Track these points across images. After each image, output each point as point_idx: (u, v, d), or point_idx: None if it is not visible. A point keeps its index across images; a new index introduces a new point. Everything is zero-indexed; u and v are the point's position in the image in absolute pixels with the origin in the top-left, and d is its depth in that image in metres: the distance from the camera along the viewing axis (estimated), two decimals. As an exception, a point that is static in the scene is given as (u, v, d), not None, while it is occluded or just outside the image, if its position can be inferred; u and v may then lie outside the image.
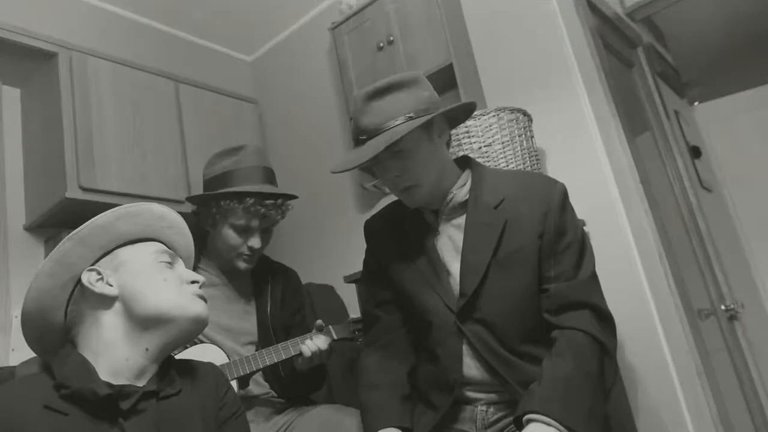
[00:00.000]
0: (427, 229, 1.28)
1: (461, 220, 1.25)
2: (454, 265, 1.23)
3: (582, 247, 1.22)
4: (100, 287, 0.96)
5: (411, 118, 1.15)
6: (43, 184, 2.12)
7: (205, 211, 1.56)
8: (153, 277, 0.99)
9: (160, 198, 2.25)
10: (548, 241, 1.19)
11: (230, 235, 1.53)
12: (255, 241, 1.54)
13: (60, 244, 0.96)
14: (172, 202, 2.29)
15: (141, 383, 0.95)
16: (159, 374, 0.98)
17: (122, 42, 2.62)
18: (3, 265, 2.05)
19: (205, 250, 1.63)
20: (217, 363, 1.39)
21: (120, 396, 0.89)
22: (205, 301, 1.04)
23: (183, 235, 1.11)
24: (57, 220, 2.09)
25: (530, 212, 1.20)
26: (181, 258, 1.08)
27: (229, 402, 1.05)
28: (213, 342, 1.49)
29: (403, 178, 1.21)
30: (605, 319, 1.17)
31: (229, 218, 1.52)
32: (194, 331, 1.01)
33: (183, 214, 1.12)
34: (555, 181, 1.26)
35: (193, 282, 1.03)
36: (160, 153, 2.33)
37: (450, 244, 1.25)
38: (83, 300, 0.97)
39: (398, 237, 1.32)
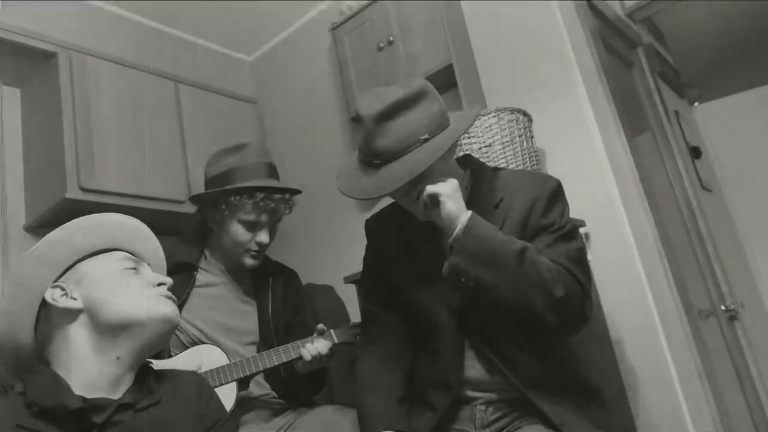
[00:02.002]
0: (429, 229, 1.28)
1: None
2: None
3: (567, 235, 1.19)
4: (63, 302, 0.94)
5: (426, 140, 1.14)
6: (43, 184, 2.12)
7: (212, 209, 1.56)
8: (116, 284, 0.97)
9: (160, 198, 2.26)
10: (531, 231, 1.18)
11: (239, 231, 1.53)
12: (263, 237, 1.54)
13: (17, 265, 0.95)
14: (172, 202, 2.29)
15: (117, 395, 0.92)
16: (136, 385, 0.96)
17: (122, 42, 2.62)
18: (3, 265, 2.05)
19: (207, 249, 1.63)
20: (218, 364, 1.40)
21: (93, 409, 0.87)
22: (175, 302, 1.02)
23: (147, 240, 1.08)
24: (57, 221, 2.07)
25: (521, 205, 1.21)
26: (148, 264, 1.06)
27: (212, 410, 1.02)
28: (214, 342, 1.48)
29: (418, 196, 1.20)
30: (578, 288, 1.12)
31: (237, 214, 1.51)
32: (164, 332, 0.99)
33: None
34: (549, 178, 1.26)
35: (160, 284, 1.01)
36: (160, 153, 2.33)
37: None
38: (50, 318, 0.95)
39: (399, 236, 1.32)
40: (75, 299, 0.95)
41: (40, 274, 0.95)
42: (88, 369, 0.92)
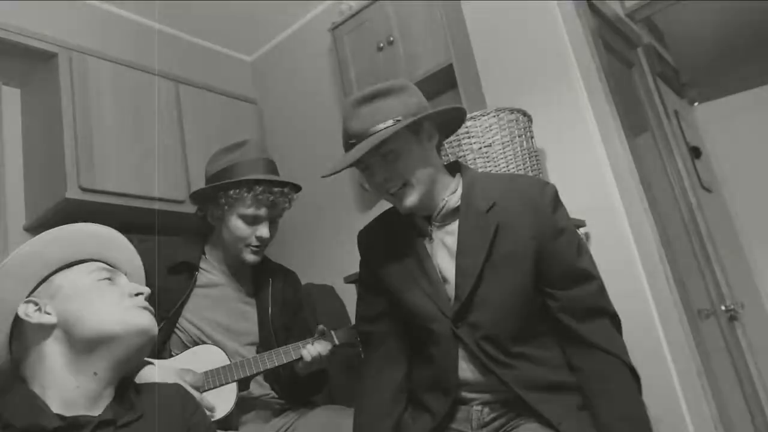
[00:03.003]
0: (420, 236, 1.28)
1: (454, 226, 1.24)
2: (448, 271, 1.23)
3: (579, 244, 1.22)
4: (37, 317, 0.91)
5: (398, 122, 1.16)
6: (43, 184, 2.12)
7: (212, 205, 1.56)
8: (90, 297, 0.94)
9: (160, 198, 2.26)
10: (544, 242, 1.19)
11: (239, 225, 1.52)
12: (264, 231, 1.53)
13: None
14: (172, 202, 2.29)
15: (97, 412, 0.89)
16: (116, 400, 0.93)
17: (122, 42, 2.62)
18: (3, 265, 2.05)
19: (208, 249, 1.63)
20: (218, 364, 1.40)
21: (72, 428, 0.85)
22: (152, 312, 0.98)
23: (123, 249, 1.05)
24: (57, 221, 2.09)
25: (522, 214, 1.20)
26: (125, 273, 1.03)
27: (196, 423, 1.00)
28: (215, 342, 1.48)
29: (393, 182, 1.21)
30: (619, 327, 1.21)
31: (237, 208, 1.51)
32: (141, 345, 0.95)
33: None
34: (546, 183, 1.26)
35: (137, 294, 0.98)
36: (160, 153, 2.33)
37: (444, 249, 1.25)
38: (24, 334, 0.92)
39: (391, 245, 1.31)
40: (49, 314, 0.92)
41: (11, 289, 0.92)
42: (65, 386, 0.89)
